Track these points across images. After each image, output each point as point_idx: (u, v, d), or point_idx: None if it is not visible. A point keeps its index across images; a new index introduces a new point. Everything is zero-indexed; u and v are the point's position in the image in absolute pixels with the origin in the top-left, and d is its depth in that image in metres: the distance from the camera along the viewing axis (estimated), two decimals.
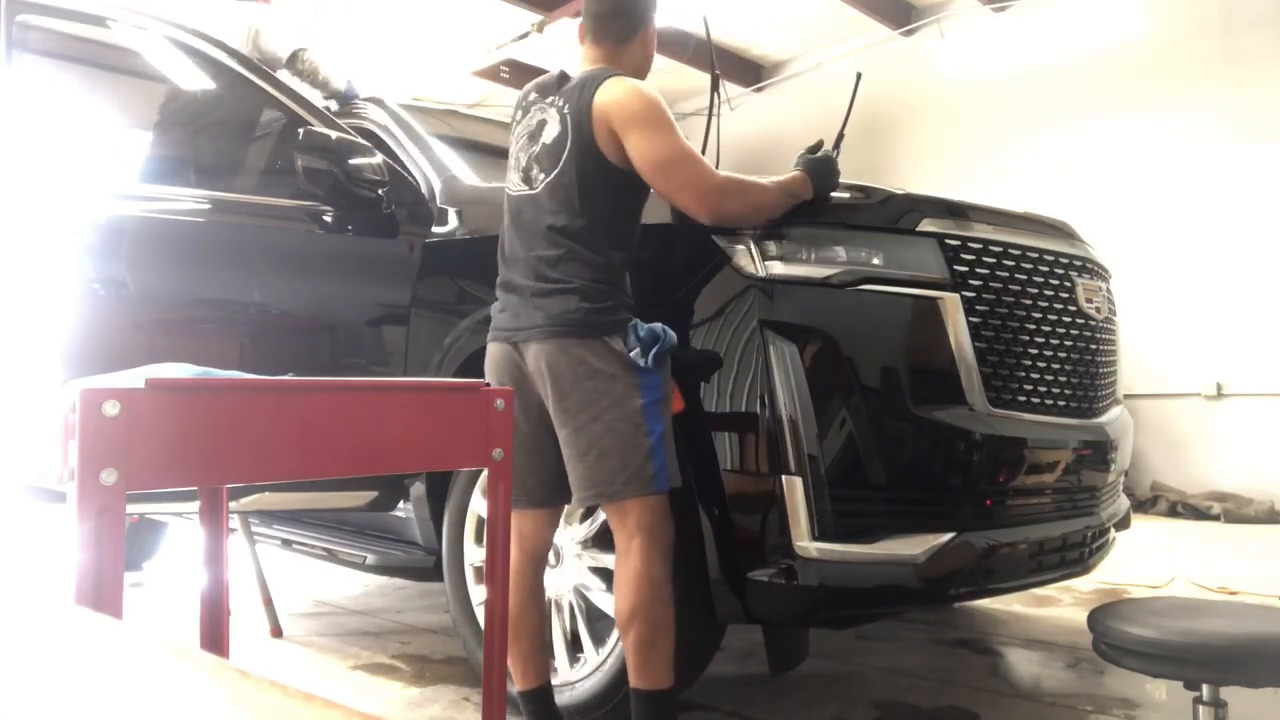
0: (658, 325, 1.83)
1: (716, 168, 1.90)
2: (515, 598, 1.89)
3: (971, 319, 2.00)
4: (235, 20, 3.40)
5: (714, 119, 2.57)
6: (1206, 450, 5.91)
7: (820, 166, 1.99)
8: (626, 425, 1.76)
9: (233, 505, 2.26)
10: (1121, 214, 6.05)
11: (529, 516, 1.94)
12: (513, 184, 1.96)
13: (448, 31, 7.50)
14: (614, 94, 1.82)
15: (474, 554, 2.32)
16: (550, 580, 2.18)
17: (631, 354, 1.78)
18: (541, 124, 1.92)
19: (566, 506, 2.01)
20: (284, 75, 3.39)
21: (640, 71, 2.00)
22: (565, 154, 1.85)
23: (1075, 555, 2.19)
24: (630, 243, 1.92)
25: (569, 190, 1.84)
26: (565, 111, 1.86)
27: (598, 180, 1.84)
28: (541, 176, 1.88)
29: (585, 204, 1.83)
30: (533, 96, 2.00)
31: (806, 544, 1.82)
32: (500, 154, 2.98)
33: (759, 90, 8.53)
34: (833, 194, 2.01)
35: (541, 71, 1.94)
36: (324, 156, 2.42)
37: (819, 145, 2.08)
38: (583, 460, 1.78)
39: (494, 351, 1.92)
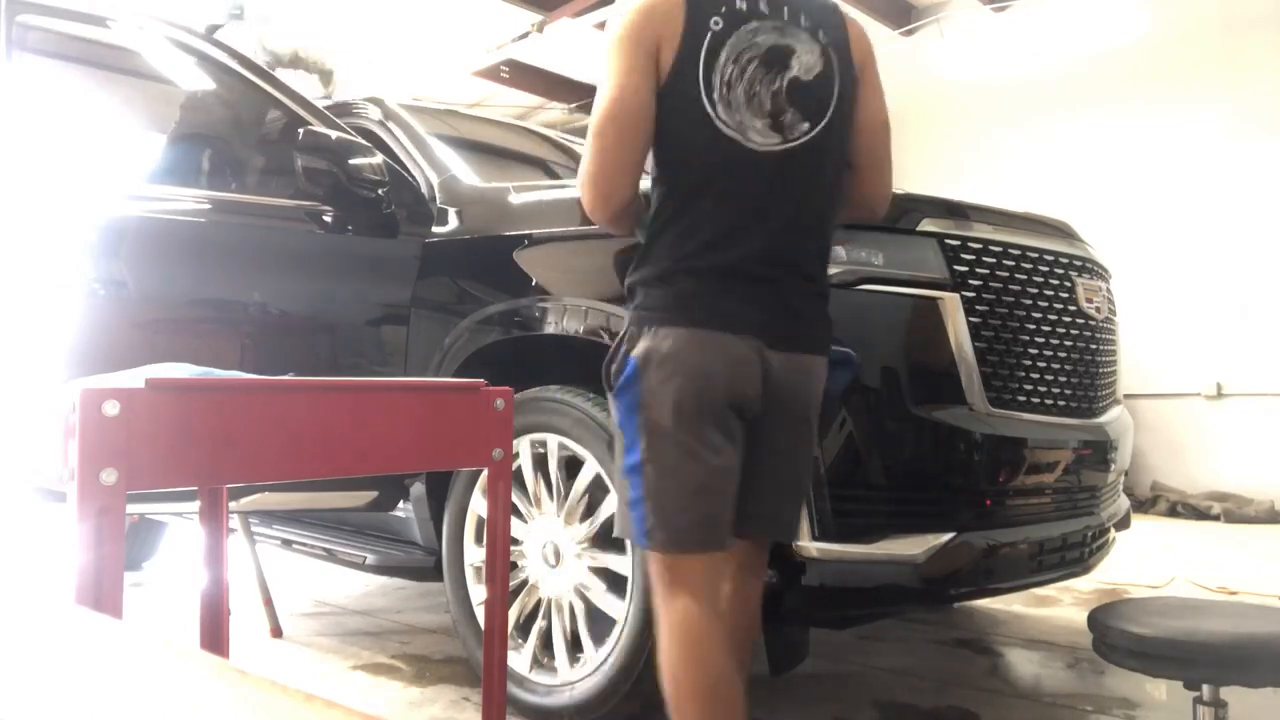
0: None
1: None
2: (722, 669, 1.39)
3: (971, 319, 2.00)
4: (242, 35, 3.46)
5: None
6: (1206, 450, 5.91)
7: None
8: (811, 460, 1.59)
9: (233, 505, 2.26)
10: (1121, 214, 6.05)
11: (721, 559, 1.45)
12: (754, 132, 1.40)
13: (448, 31, 7.50)
14: (862, 28, 1.52)
15: (474, 554, 2.32)
16: (550, 580, 2.18)
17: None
18: (784, 49, 1.41)
19: None
20: (289, 73, 3.43)
21: None
22: (835, 100, 1.44)
23: (1075, 555, 2.19)
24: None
25: (837, 146, 1.46)
26: (823, 40, 1.44)
27: (848, 132, 1.50)
28: (803, 127, 1.41)
29: (843, 165, 1.51)
30: (741, 5, 1.40)
31: (806, 544, 1.82)
32: (500, 154, 2.99)
33: None
34: None
35: (542, 72, 1.83)
36: (324, 156, 2.42)
37: None
38: (797, 486, 1.57)
39: (727, 344, 1.39)
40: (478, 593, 2.31)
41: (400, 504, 2.53)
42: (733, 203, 1.41)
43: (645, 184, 1.49)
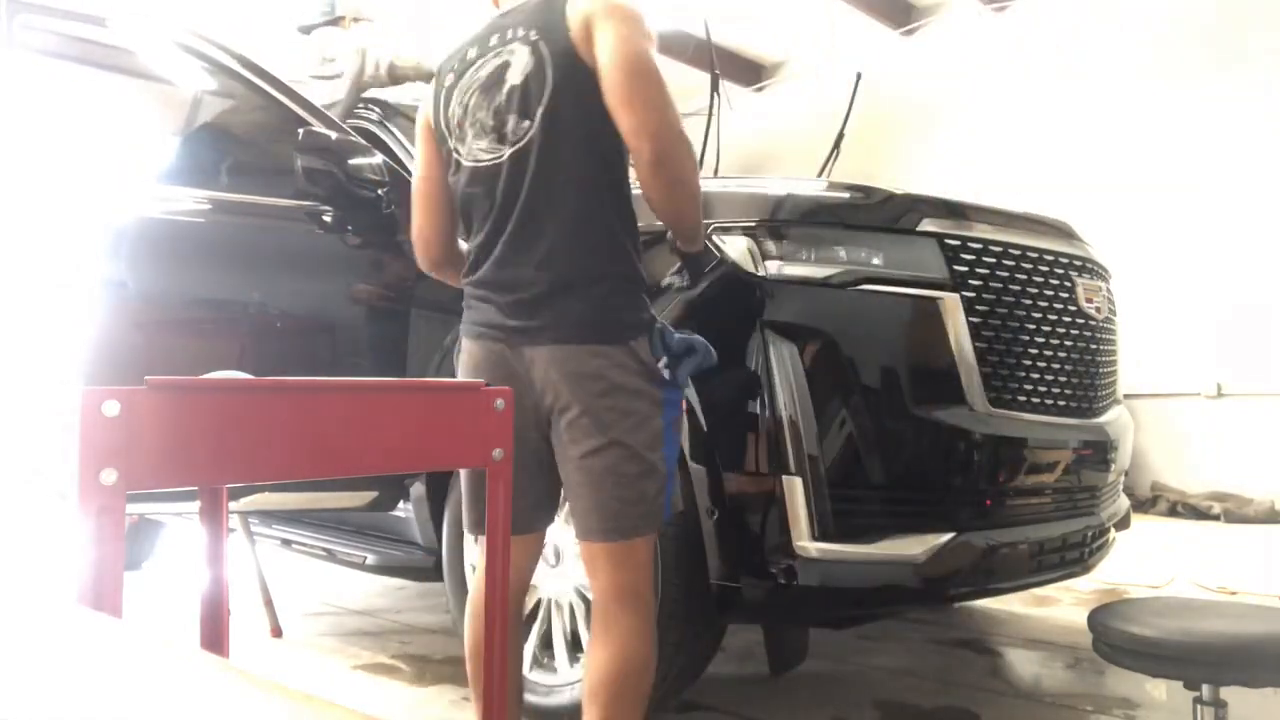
0: (695, 337, 1.58)
1: (717, 167, 1.88)
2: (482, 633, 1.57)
3: (971, 319, 2.00)
4: (346, 45, 3.41)
5: (714, 119, 2.57)
6: (1206, 450, 5.91)
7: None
8: (649, 450, 1.50)
9: (233, 505, 2.27)
10: (1121, 213, 6.05)
11: (516, 543, 1.53)
12: (476, 151, 1.55)
13: (447, 31, 7.50)
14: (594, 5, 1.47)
15: (474, 554, 2.32)
16: (550, 580, 2.17)
17: (661, 365, 1.53)
18: (501, 67, 1.53)
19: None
20: (391, 90, 3.37)
21: None
22: (548, 80, 1.47)
23: (1075, 555, 2.19)
24: (631, 206, 1.58)
25: (563, 125, 1.47)
26: (532, 37, 1.50)
27: (592, 103, 1.46)
28: (525, 125, 1.49)
29: (594, 148, 1.49)
30: (471, 51, 1.60)
31: (806, 544, 1.82)
32: None
33: (759, 90, 8.53)
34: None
35: None
36: (324, 156, 2.42)
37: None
38: (595, 489, 1.49)
39: (476, 350, 1.59)
40: None
41: (400, 504, 2.53)
42: (484, 218, 1.56)
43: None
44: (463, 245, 1.70)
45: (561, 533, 2.15)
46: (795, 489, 1.83)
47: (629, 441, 1.48)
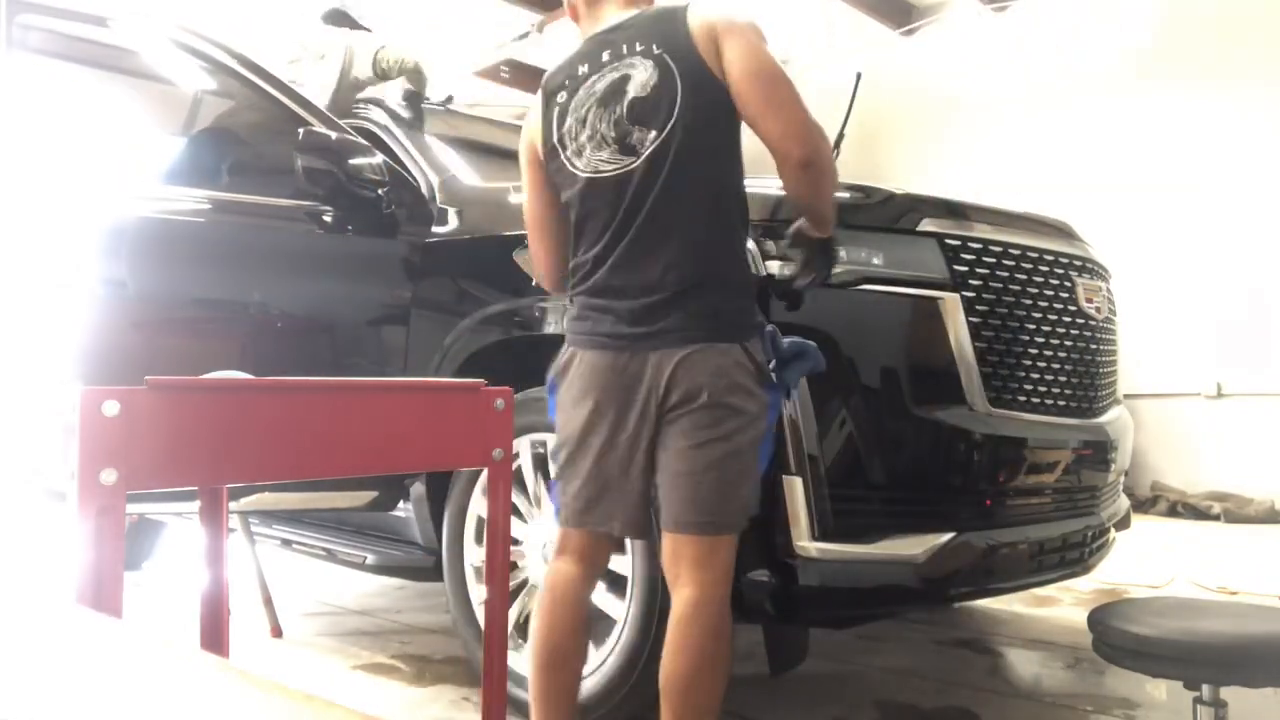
0: (809, 343, 1.62)
1: None
2: (567, 621, 1.63)
3: (971, 319, 2.00)
4: (333, 42, 3.41)
5: None
6: (1206, 450, 5.91)
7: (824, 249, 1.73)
8: (751, 451, 1.54)
9: (233, 505, 2.27)
10: (1121, 213, 6.05)
11: (604, 540, 1.66)
12: (597, 162, 1.57)
13: (448, 31, 7.50)
14: (710, 8, 1.55)
15: (474, 554, 2.32)
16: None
17: (770, 365, 1.57)
18: (620, 80, 1.56)
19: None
20: (377, 88, 3.37)
21: None
22: (680, 95, 1.51)
23: (1075, 555, 2.19)
24: (748, 213, 1.65)
25: (696, 143, 1.52)
26: (656, 50, 1.54)
27: (725, 118, 1.53)
28: (651, 135, 1.52)
29: (718, 160, 1.56)
30: (582, 68, 1.62)
31: (806, 544, 1.82)
32: (500, 153, 2.99)
33: None
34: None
35: (542, 71, 1.83)
36: (324, 156, 2.42)
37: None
38: (695, 480, 1.51)
39: (596, 360, 1.58)
40: (478, 593, 2.31)
41: (400, 504, 2.53)
42: (605, 227, 1.58)
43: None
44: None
45: None
46: (795, 489, 1.83)
47: (737, 439, 1.52)
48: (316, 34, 3.54)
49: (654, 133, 1.52)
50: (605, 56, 1.59)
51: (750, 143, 1.58)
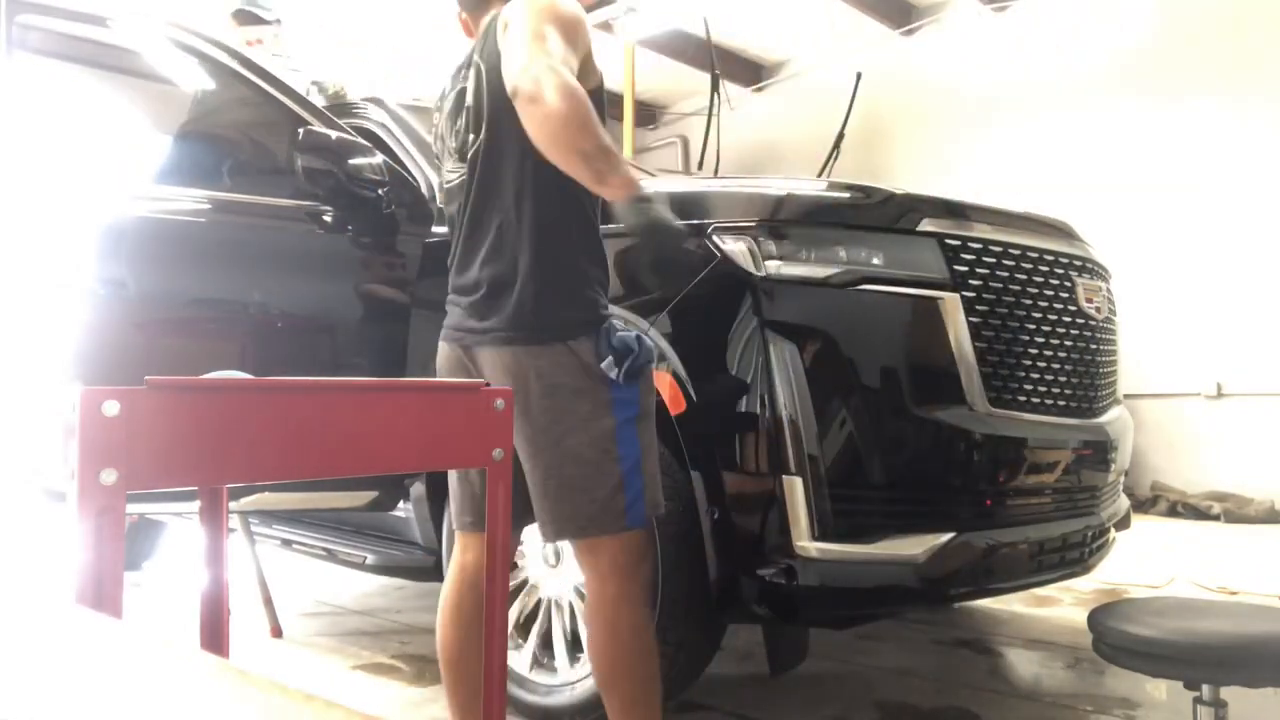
0: (631, 334, 1.55)
1: (717, 167, 1.88)
2: (453, 633, 1.65)
3: (971, 319, 2.00)
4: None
5: (714, 119, 2.57)
6: (1206, 450, 5.91)
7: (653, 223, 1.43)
8: (593, 451, 1.50)
9: (233, 505, 2.27)
10: (1121, 213, 6.05)
11: (474, 540, 1.66)
12: (449, 173, 1.68)
13: (447, 31, 7.50)
14: (508, 8, 1.51)
15: None
16: (550, 580, 2.18)
17: (602, 365, 1.51)
18: (460, 94, 1.64)
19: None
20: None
21: None
22: (485, 103, 1.54)
23: (1075, 555, 2.19)
24: (592, 213, 1.59)
25: (508, 143, 1.51)
26: (476, 59, 1.59)
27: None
28: (472, 137, 1.58)
29: (524, 159, 1.49)
30: (446, 86, 1.74)
31: (806, 544, 1.82)
32: None
33: (759, 90, 8.53)
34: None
35: None
36: (324, 156, 2.42)
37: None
38: (542, 491, 1.53)
39: (442, 352, 1.67)
40: None
41: (400, 504, 2.53)
42: (451, 231, 1.67)
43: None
44: None
45: None
46: (795, 489, 1.83)
47: (568, 443, 1.49)
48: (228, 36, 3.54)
49: (473, 135, 1.58)
50: (460, 72, 1.68)
51: (752, 142, 1.58)
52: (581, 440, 1.50)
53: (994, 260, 2.08)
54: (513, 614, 2.17)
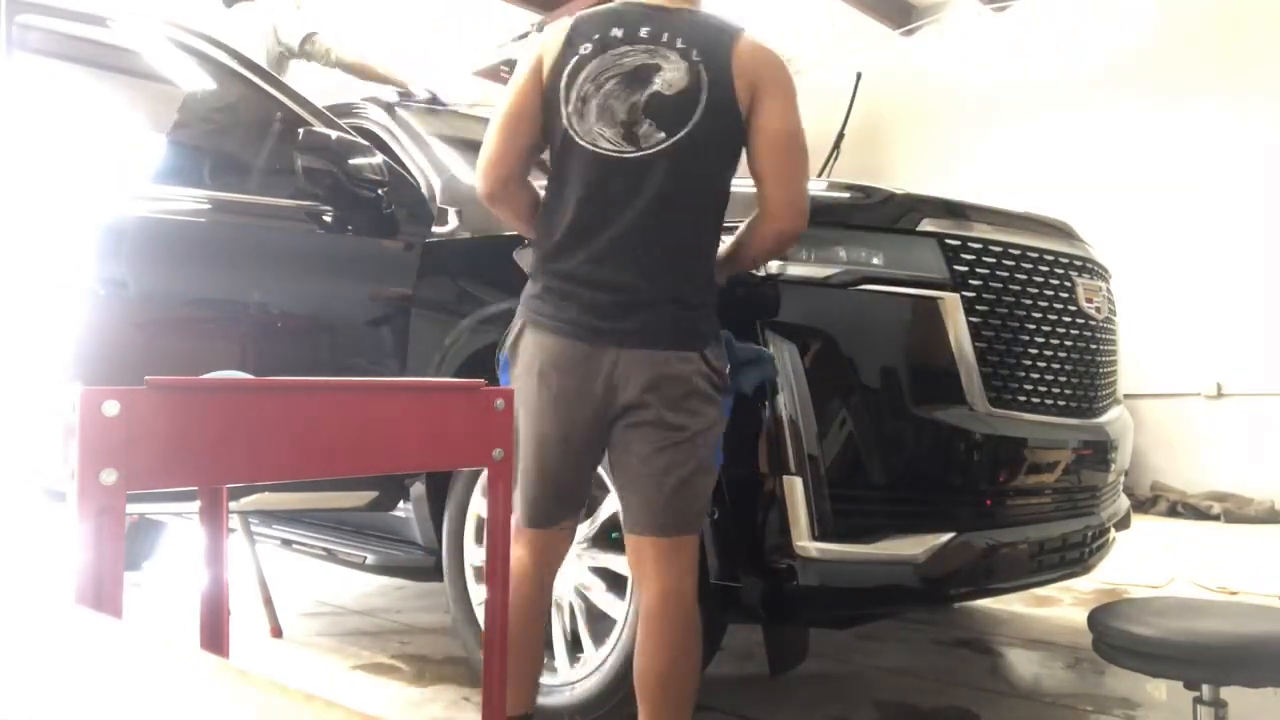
0: (764, 350, 1.69)
1: None
2: (526, 613, 1.66)
3: (971, 319, 2.00)
4: (254, 19, 3.51)
5: None
6: (1206, 450, 5.90)
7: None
8: (709, 453, 1.59)
9: (233, 505, 2.27)
10: (1122, 213, 6.05)
11: (558, 533, 1.71)
12: (604, 140, 1.55)
13: (448, 31, 7.50)
14: (760, 51, 1.57)
15: (474, 554, 2.32)
16: (560, 582, 2.17)
17: (726, 370, 1.61)
18: (650, 68, 1.54)
19: None
20: (299, 64, 3.50)
21: None
22: (700, 110, 1.52)
23: (1075, 555, 2.19)
24: (721, 228, 1.68)
25: (701, 160, 1.54)
26: (694, 58, 1.53)
27: (730, 149, 1.58)
28: (660, 136, 1.52)
29: (716, 183, 1.59)
30: (617, 32, 1.56)
31: (806, 544, 1.82)
32: None
33: None
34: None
35: None
36: (324, 156, 2.41)
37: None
38: (659, 485, 1.55)
39: (556, 346, 1.58)
40: (478, 593, 2.31)
41: (400, 504, 2.53)
42: (584, 206, 1.57)
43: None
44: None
45: None
46: (795, 489, 1.83)
47: (697, 443, 1.57)
48: (234, 11, 3.60)
49: (663, 134, 1.53)
50: (643, 33, 1.56)
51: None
52: (705, 442, 1.58)
53: (994, 260, 2.08)
54: None
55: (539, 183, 1.72)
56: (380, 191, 2.51)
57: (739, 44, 1.56)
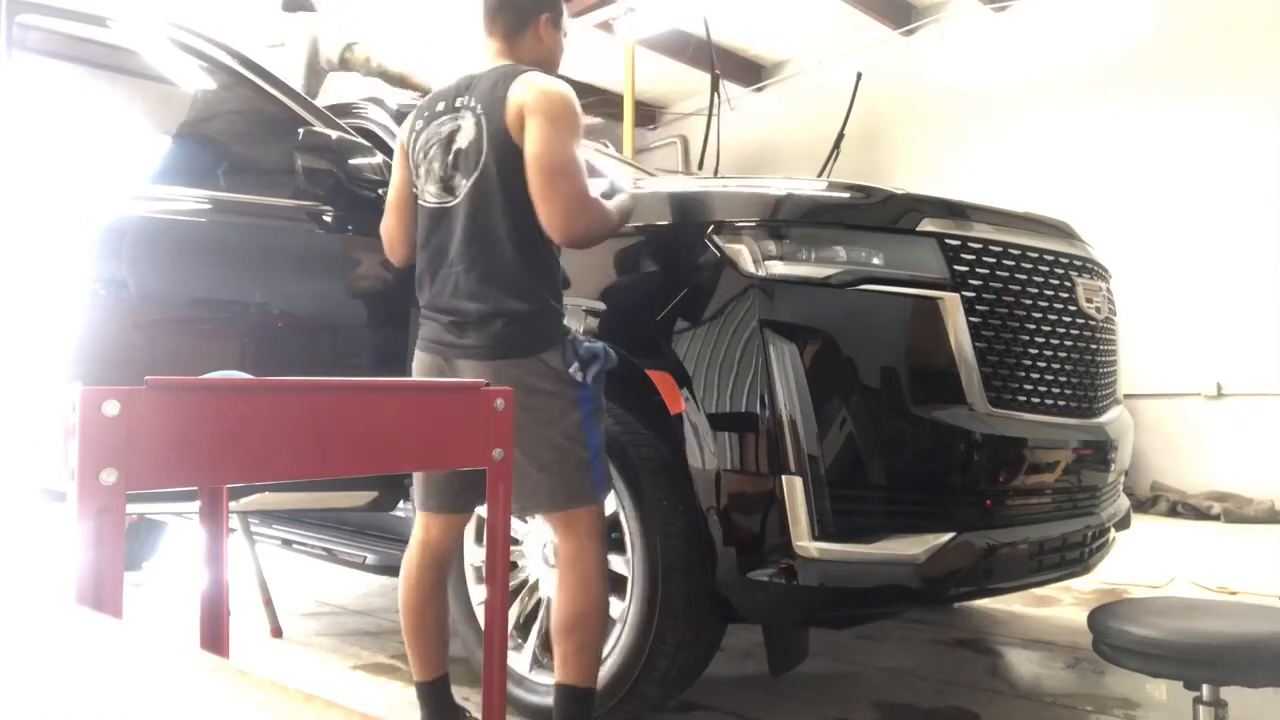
0: (599, 345, 1.85)
1: (717, 168, 1.91)
2: (415, 597, 1.99)
3: (971, 319, 2.00)
4: (301, 28, 3.57)
5: (714, 119, 2.57)
6: (1206, 450, 5.91)
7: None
8: (567, 440, 1.78)
9: (233, 505, 2.27)
10: (1122, 213, 6.05)
11: (439, 521, 1.97)
12: (430, 196, 1.89)
13: (448, 31, 7.50)
14: (529, 84, 1.79)
15: (474, 554, 2.32)
16: (550, 580, 2.18)
17: (570, 369, 1.79)
18: (454, 130, 1.85)
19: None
20: (340, 76, 3.54)
21: (544, 67, 1.94)
22: (483, 155, 1.80)
23: (1075, 555, 2.19)
24: (556, 252, 1.88)
25: (494, 195, 1.79)
26: (478, 112, 1.82)
27: (517, 175, 1.77)
28: (464, 183, 1.82)
29: (515, 209, 1.78)
30: (440, 105, 1.91)
31: (806, 544, 1.82)
32: None
33: (759, 90, 8.53)
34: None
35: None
36: (324, 156, 2.42)
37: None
38: (526, 475, 1.77)
39: (423, 361, 1.91)
40: (478, 593, 2.31)
41: (400, 504, 2.53)
42: (425, 249, 1.90)
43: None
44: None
45: None
46: (795, 489, 1.83)
47: (547, 435, 1.77)
48: (279, 22, 3.65)
49: (465, 180, 1.82)
50: (457, 103, 1.87)
51: (752, 142, 1.59)
52: (557, 431, 1.78)
53: (994, 260, 2.08)
54: (512, 614, 2.17)
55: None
56: (380, 191, 2.51)
57: (514, 84, 1.79)
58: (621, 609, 2.01)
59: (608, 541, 1.88)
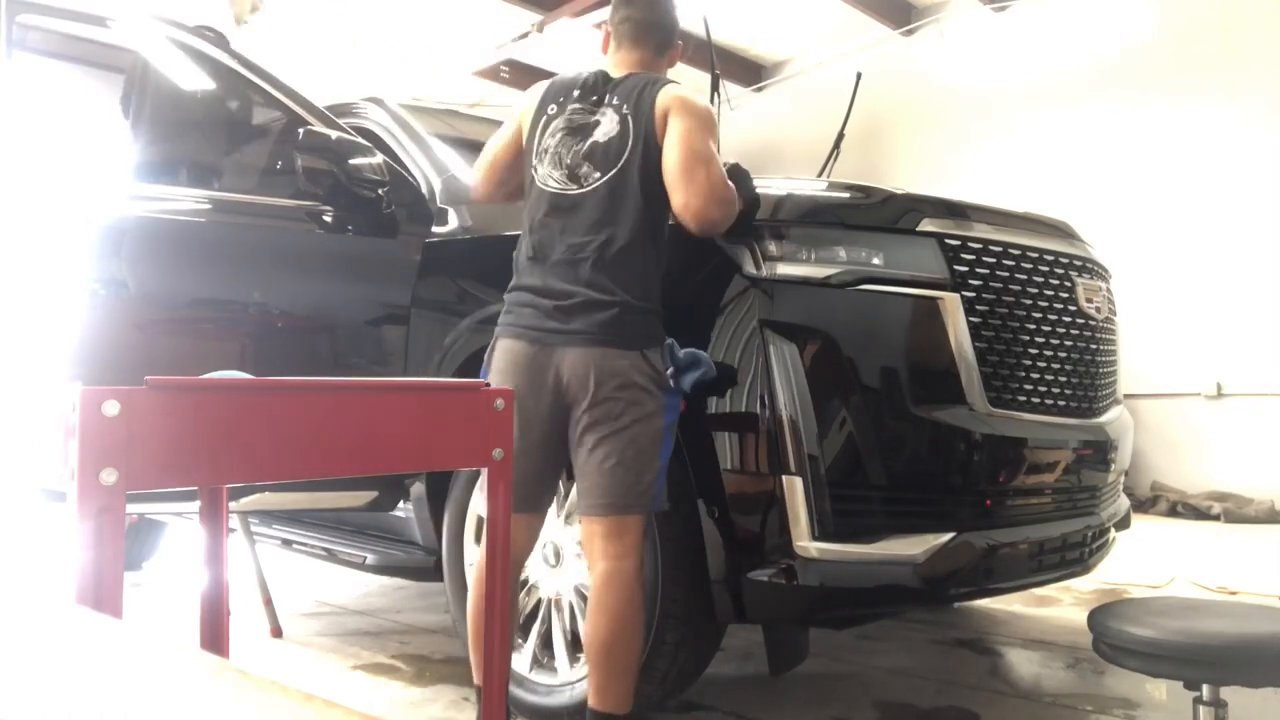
0: (701, 354, 1.84)
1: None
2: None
3: (971, 319, 2.00)
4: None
5: None
6: (1206, 450, 5.90)
7: (739, 177, 1.95)
8: (648, 441, 1.77)
9: (233, 505, 2.26)
10: (1122, 213, 6.05)
11: (524, 520, 1.89)
12: (553, 180, 1.89)
13: (448, 31, 7.50)
14: (674, 91, 1.87)
15: (474, 554, 2.32)
16: (550, 580, 2.18)
17: (668, 372, 1.79)
18: (590, 124, 1.89)
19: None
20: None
21: None
22: (627, 153, 1.84)
23: (1075, 555, 2.19)
24: (665, 252, 1.91)
25: (630, 192, 1.82)
26: (624, 111, 1.86)
27: (659, 183, 1.83)
28: (596, 175, 1.85)
29: (646, 209, 1.82)
30: (575, 94, 1.95)
31: (806, 544, 1.82)
32: None
33: (759, 90, 8.53)
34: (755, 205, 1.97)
35: (542, 71, 1.91)
36: (324, 156, 2.42)
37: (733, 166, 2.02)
38: (599, 469, 1.76)
39: (514, 348, 1.84)
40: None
41: (400, 504, 2.53)
42: (537, 234, 1.88)
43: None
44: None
45: (560, 533, 2.15)
46: (795, 489, 1.83)
47: (635, 431, 1.76)
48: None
49: (597, 173, 1.85)
50: (594, 98, 1.92)
51: (752, 142, 1.59)
52: (642, 430, 1.77)
53: (994, 260, 2.08)
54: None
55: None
56: (380, 191, 2.51)
57: (661, 91, 1.87)
58: None
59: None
